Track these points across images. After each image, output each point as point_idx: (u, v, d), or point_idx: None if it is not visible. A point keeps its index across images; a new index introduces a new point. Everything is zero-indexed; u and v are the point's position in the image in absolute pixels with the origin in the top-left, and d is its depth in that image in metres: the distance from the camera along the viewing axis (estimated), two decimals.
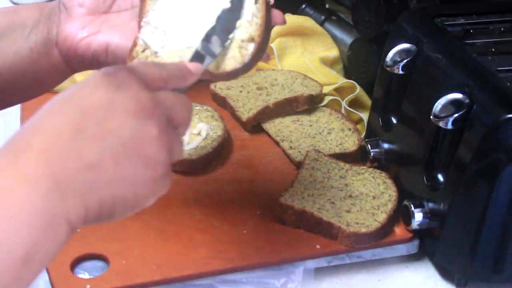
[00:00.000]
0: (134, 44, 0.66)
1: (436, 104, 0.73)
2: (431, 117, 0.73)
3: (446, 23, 0.83)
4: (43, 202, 0.45)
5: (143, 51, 0.66)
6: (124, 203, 0.50)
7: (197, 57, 0.61)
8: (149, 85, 0.52)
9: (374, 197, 0.82)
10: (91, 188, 0.47)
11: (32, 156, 0.46)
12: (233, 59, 0.64)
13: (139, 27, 0.67)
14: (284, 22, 0.69)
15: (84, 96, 0.50)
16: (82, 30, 0.68)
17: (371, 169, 0.87)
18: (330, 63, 1.09)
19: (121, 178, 0.49)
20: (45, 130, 0.48)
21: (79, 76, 1.06)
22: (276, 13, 0.68)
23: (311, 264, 0.78)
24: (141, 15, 0.68)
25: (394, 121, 0.86)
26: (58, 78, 0.73)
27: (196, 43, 0.64)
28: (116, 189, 0.49)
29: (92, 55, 0.68)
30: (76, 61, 0.69)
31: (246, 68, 0.64)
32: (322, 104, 1.00)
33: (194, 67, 0.59)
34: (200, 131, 0.92)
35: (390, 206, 0.81)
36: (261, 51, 0.65)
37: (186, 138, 0.91)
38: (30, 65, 0.69)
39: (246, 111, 0.97)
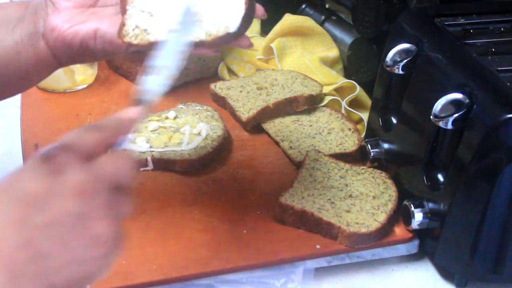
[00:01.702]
0: (122, 24, 0.67)
1: (436, 104, 0.73)
2: (431, 117, 0.73)
3: (446, 23, 0.83)
4: None
5: (133, 29, 0.67)
6: (79, 281, 0.50)
7: (137, 101, 0.59)
8: (90, 156, 0.52)
9: (374, 197, 0.82)
10: (44, 275, 0.48)
11: None
12: (223, 27, 0.65)
13: (124, 12, 0.68)
14: (264, 15, 0.69)
15: (24, 185, 0.49)
16: (69, 21, 0.68)
17: (371, 169, 0.87)
18: (330, 63, 1.09)
19: (72, 261, 0.49)
20: None
21: (79, 77, 1.06)
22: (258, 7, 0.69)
23: (311, 264, 0.78)
24: (124, 3, 0.68)
25: (394, 121, 0.86)
26: (44, 72, 0.73)
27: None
28: (68, 272, 0.49)
29: (80, 42, 0.68)
30: (64, 50, 0.69)
31: (236, 34, 0.65)
32: (322, 104, 1.00)
33: (134, 113, 0.57)
34: (200, 131, 0.92)
35: (390, 206, 0.81)
36: (249, 16, 0.66)
37: (186, 138, 0.91)
38: (15, 58, 0.69)
39: (246, 111, 0.97)
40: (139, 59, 1.05)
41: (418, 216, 0.77)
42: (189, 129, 0.92)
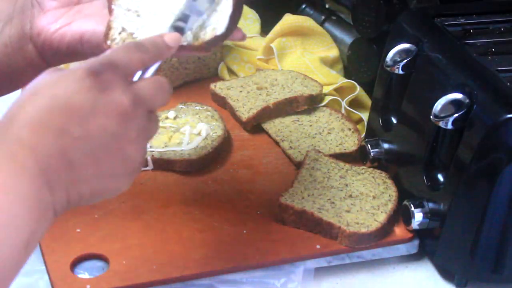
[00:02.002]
0: (109, 28, 0.66)
1: (436, 104, 0.73)
2: (431, 117, 0.73)
3: (446, 23, 0.83)
4: (39, 196, 0.50)
5: (120, 33, 0.66)
6: (101, 194, 0.55)
7: (176, 29, 0.63)
8: (131, 75, 0.56)
9: (374, 197, 0.82)
10: (73, 184, 0.52)
11: (25, 154, 0.49)
12: (210, 29, 0.65)
13: (110, 11, 0.67)
14: (243, 38, 0.70)
15: (69, 95, 0.52)
16: (55, 23, 0.68)
17: (371, 169, 0.87)
18: (330, 63, 1.09)
19: (100, 175, 0.53)
20: (36, 128, 0.50)
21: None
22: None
23: (311, 264, 0.78)
24: (109, 2, 0.67)
25: (394, 121, 0.86)
26: (33, 73, 0.71)
27: (170, 21, 0.65)
28: (95, 184, 0.53)
29: (67, 46, 0.68)
30: (51, 53, 0.69)
31: (224, 36, 0.66)
32: (322, 104, 1.00)
33: (172, 38, 0.60)
34: (200, 131, 0.92)
35: (390, 206, 0.81)
36: (237, 16, 0.66)
37: (186, 138, 0.91)
38: (5, 60, 0.69)
39: (246, 111, 0.97)
40: None
41: (418, 216, 0.77)
42: (189, 129, 0.92)
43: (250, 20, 1.19)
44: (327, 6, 1.16)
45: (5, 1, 0.71)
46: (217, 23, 0.65)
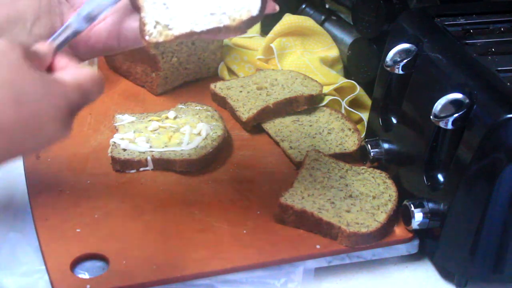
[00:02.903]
0: (143, 24, 0.66)
1: (436, 104, 0.73)
2: (431, 117, 0.73)
3: (446, 23, 0.83)
4: None
5: (155, 26, 0.66)
6: (33, 142, 0.55)
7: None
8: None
9: (374, 197, 0.82)
10: None
11: None
12: (245, 11, 0.66)
13: (138, 8, 0.67)
14: (275, 9, 0.72)
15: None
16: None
17: (371, 169, 0.87)
18: (330, 63, 1.09)
19: (20, 119, 0.53)
20: None
21: None
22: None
23: (311, 264, 0.78)
24: None
25: (394, 121, 0.86)
26: None
27: (201, 5, 0.66)
28: (19, 131, 0.54)
29: (103, 44, 0.68)
30: (86, 51, 0.69)
31: (259, 16, 0.67)
32: (322, 104, 1.00)
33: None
34: (200, 131, 0.92)
35: (390, 206, 0.81)
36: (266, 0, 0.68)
37: (186, 138, 0.91)
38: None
39: (246, 111, 0.97)
40: (139, 58, 1.05)
41: (418, 216, 0.77)
42: (189, 129, 0.92)
43: None
44: (327, 6, 1.17)
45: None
46: (250, 5, 0.66)
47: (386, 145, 0.87)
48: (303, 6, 1.17)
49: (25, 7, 0.68)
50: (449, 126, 0.72)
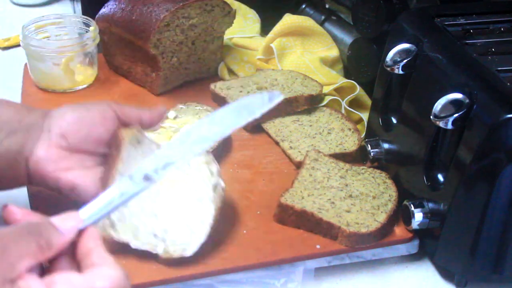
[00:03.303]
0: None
1: (436, 104, 0.73)
2: (431, 117, 0.73)
3: (446, 23, 0.83)
4: None
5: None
6: None
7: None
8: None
9: (374, 197, 0.82)
10: None
11: None
12: (180, 249, 0.73)
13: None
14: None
15: None
16: (55, 162, 0.69)
17: (371, 169, 0.87)
18: (330, 63, 1.09)
19: None
20: None
21: (79, 77, 1.06)
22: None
23: (311, 264, 0.78)
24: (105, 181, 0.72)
25: (394, 121, 0.86)
26: (11, 185, 0.73)
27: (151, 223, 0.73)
28: None
29: (58, 188, 0.70)
30: (40, 183, 0.71)
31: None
32: (322, 104, 1.00)
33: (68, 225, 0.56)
34: None
35: (390, 206, 0.81)
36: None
37: None
38: None
39: None
40: (139, 59, 1.05)
41: (418, 216, 0.77)
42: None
43: (250, 20, 1.19)
44: (327, 6, 1.17)
45: (14, 110, 0.71)
46: (188, 246, 0.73)
47: (386, 145, 0.87)
48: (303, 6, 1.17)
49: (5, 119, 0.70)
50: (449, 126, 0.72)
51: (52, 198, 0.83)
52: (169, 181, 0.78)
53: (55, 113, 0.72)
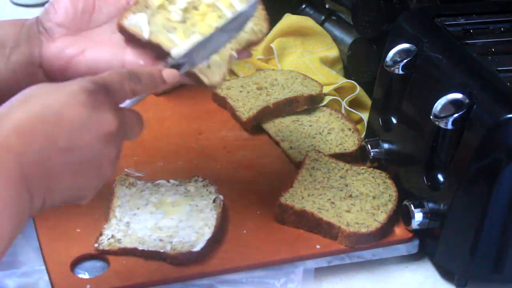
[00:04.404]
0: (100, 233, 0.76)
1: (436, 104, 0.73)
2: (431, 117, 0.73)
3: (446, 23, 0.83)
4: (19, 202, 0.52)
5: (108, 239, 0.75)
6: (68, 201, 0.57)
7: (175, 65, 0.65)
8: (121, 101, 0.59)
9: (374, 197, 0.82)
10: (50, 192, 0.54)
11: (9, 157, 0.51)
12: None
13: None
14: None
15: (61, 106, 0.54)
16: (66, 51, 0.68)
17: (371, 169, 0.87)
18: (330, 63, 1.09)
19: (75, 187, 0.56)
20: (24, 135, 0.52)
21: None
22: None
23: (311, 264, 0.78)
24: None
25: (394, 121, 0.86)
26: None
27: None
28: (69, 194, 0.56)
29: (78, 76, 0.66)
30: (63, 79, 0.67)
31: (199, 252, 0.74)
32: (322, 104, 1.00)
33: (169, 74, 0.63)
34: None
35: (390, 206, 0.81)
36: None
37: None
38: (14, 85, 0.68)
39: (246, 111, 0.97)
40: None
41: (418, 216, 0.77)
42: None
43: None
44: (327, 6, 1.16)
45: (10, 25, 0.71)
46: (195, 242, 0.74)
47: (386, 145, 0.87)
48: (303, 6, 1.17)
49: (5, 36, 0.69)
50: (449, 126, 0.72)
51: None
52: (170, 203, 0.80)
53: (43, 11, 0.71)
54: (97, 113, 0.55)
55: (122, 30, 0.68)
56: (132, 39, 0.68)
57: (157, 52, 0.68)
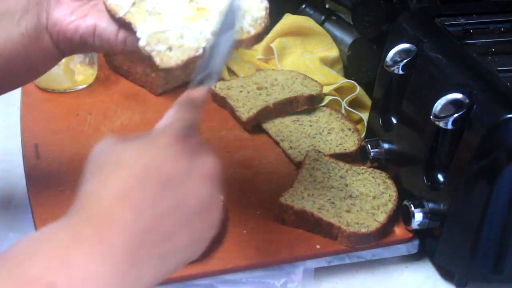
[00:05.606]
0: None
1: (436, 104, 0.73)
2: (431, 117, 0.73)
3: (446, 23, 0.83)
4: (121, 282, 0.45)
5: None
6: (186, 261, 0.51)
7: (199, 82, 0.61)
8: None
9: (374, 197, 0.82)
10: (165, 258, 0.48)
11: (118, 233, 0.46)
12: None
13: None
14: None
15: (161, 163, 0.50)
16: (70, 15, 0.69)
17: (371, 169, 0.87)
18: (330, 63, 1.09)
19: (192, 242, 0.50)
20: (129, 202, 0.47)
21: (79, 77, 1.06)
22: None
23: (311, 264, 0.78)
24: None
25: (394, 121, 0.86)
26: (49, 63, 0.74)
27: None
28: (186, 252, 0.50)
29: (80, 38, 0.69)
30: (65, 44, 0.70)
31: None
32: (322, 104, 1.00)
33: (202, 94, 0.59)
34: None
35: (390, 206, 0.81)
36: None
37: None
38: (22, 50, 0.70)
39: (246, 111, 0.97)
40: (139, 58, 1.05)
41: (418, 216, 0.77)
42: None
43: None
44: (327, 6, 1.16)
45: None
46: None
47: (386, 145, 0.87)
48: (303, 6, 1.17)
49: (15, 3, 0.71)
50: (449, 126, 0.72)
51: (52, 198, 0.83)
52: None
53: None
54: (197, 157, 0.51)
55: (106, 8, 0.69)
56: (112, 17, 0.69)
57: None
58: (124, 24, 0.68)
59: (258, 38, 0.69)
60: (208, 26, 0.67)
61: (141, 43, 0.66)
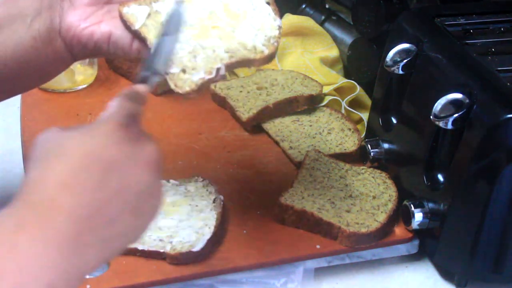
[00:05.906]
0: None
1: (436, 104, 0.73)
2: (431, 117, 0.73)
3: (446, 23, 0.83)
4: (66, 265, 0.46)
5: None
6: (129, 244, 0.53)
7: (143, 79, 0.63)
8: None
9: (374, 197, 0.82)
10: (108, 242, 0.49)
11: (61, 218, 0.47)
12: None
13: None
14: None
15: (103, 149, 0.51)
16: (85, 20, 0.69)
17: (371, 169, 0.87)
18: (330, 63, 1.09)
19: (135, 227, 0.52)
20: (72, 188, 0.48)
21: (79, 77, 1.06)
22: None
23: (311, 264, 0.78)
24: None
25: (394, 121, 0.86)
26: (61, 66, 0.74)
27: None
28: (129, 236, 0.52)
29: (94, 44, 0.69)
30: (79, 49, 0.70)
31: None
32: (322, 104, 1.00)
33: (143, 90, 0.61)
34: None
35: (390, 206, 0.81)
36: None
37: None
38: (34, 53, 0.70)
39: (246, 111, 0.97)
40: (139, 59, 1.05)
41: (418, 216, 0.77)
42: None
43: None
44: (327, 6, 1.17)
45: None
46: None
47: (386, 145, 0.87)
48: (303, 6, 1.17)
49: (26, 5, 0.70)
50: (449, 126, 0.72)
51: None
52: (170, 203, 0.79)
53: None
54: (138, 144, 0.52)
55: (121, 16, 0.69)
56: (127, 27, 0.69)
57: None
58: (139, 37, 0.68)
59: (271, 57, 0.69)
60: (221, 44, 0.67)
61: None
